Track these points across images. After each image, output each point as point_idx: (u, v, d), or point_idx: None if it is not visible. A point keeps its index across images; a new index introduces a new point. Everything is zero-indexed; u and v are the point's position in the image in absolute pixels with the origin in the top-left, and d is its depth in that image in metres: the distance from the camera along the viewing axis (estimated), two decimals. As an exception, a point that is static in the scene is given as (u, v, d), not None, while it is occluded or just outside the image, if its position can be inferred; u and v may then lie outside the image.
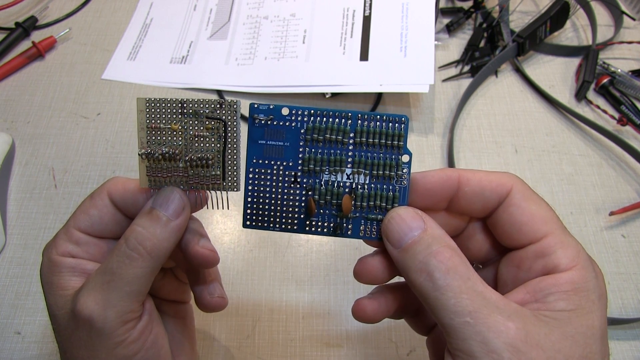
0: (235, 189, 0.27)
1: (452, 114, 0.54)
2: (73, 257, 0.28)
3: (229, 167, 0.27)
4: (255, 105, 0.27)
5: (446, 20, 0.61)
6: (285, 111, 0.27)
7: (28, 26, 0.60)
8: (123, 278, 0.26)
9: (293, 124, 0.27)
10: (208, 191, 0.28)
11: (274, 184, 0.27)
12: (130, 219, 0.28)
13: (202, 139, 0.27)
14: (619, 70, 0.56)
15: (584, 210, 0.48)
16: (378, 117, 0.27)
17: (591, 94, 0.56)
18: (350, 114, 0.27)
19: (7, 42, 0.59)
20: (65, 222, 0.29)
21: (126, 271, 0.26)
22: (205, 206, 0.29)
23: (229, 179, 0.27)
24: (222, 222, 0.47)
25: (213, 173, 0.27)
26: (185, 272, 0.32)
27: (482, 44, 0.59)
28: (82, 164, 0.51)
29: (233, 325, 0.41)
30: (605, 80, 0.55)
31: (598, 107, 0.54)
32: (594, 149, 0.52)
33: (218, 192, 0.28)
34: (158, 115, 0.27)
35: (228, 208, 0.28)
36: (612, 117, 0.53)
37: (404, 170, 0.27)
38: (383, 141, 0.27)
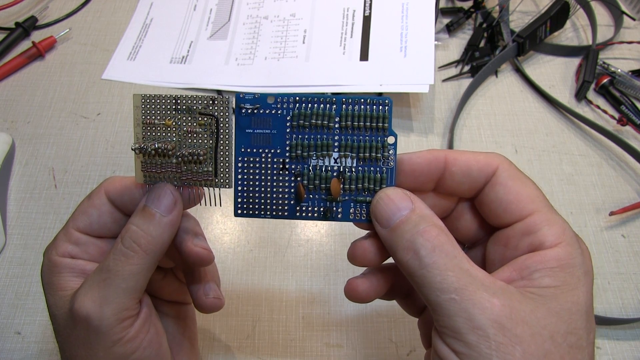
0: (227, 186, 0.28)
1: (452, 114, 0.54)
2: (73, 257, 0.28)
3: (221, 164, 0.27)
4: (241, 95, 0.27)
5: (446, 20, 0.61)
6: (270, 99, 0.27)
7: (28, 26, 0.60)
8: (119, 275, 0.26)
9: (279, 112, 0.27)
10: (202, 187, 0.28)
11: (263, 171, 0.28)
12: (128, 216, 0.28)
13: (195, 135, 0.27)
14: (619, 70, 0.56)
15: (584, 210, 0.48)
16: (362, 100, 0.27)
17: (591, 94, 0.56)
18: (334, 99, 0.27)
19: (7, 42, 0.59)
20: (65, 223, 0.29)
21: (122, 268, 0.26)
22: (199, 203, 0.29)
23: (221, 175, 0.28)
24: (222, 222, 0.47)
25: (205, 169, 0.27)
26: (182, 271, 0.32)
27: (482, 44, 0.59)
28: (82, 164, 0.51)
29: (233, 325, 0.41)
30: (605, 80, 0.55)
31: (598, 107, 0.54)
32: (594, 149, 0.52)
33: (211, 189, 0.28)
34: (153, 112, 0.27)
35: (220, 205, 0.28)
36: (612, 117, 0.53)
37: (390, 152, 0.27)
38: (368, 124, 0.27)
